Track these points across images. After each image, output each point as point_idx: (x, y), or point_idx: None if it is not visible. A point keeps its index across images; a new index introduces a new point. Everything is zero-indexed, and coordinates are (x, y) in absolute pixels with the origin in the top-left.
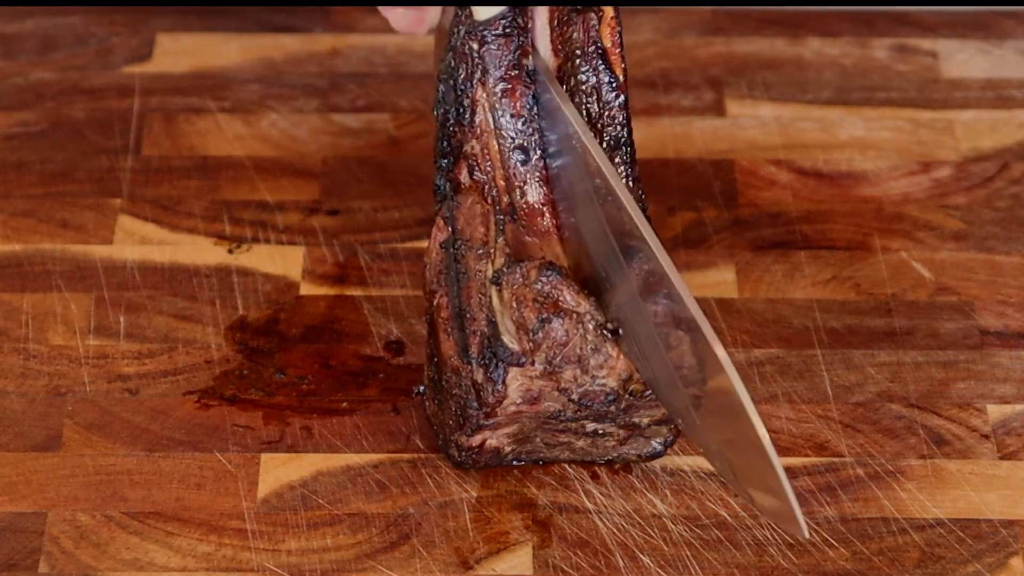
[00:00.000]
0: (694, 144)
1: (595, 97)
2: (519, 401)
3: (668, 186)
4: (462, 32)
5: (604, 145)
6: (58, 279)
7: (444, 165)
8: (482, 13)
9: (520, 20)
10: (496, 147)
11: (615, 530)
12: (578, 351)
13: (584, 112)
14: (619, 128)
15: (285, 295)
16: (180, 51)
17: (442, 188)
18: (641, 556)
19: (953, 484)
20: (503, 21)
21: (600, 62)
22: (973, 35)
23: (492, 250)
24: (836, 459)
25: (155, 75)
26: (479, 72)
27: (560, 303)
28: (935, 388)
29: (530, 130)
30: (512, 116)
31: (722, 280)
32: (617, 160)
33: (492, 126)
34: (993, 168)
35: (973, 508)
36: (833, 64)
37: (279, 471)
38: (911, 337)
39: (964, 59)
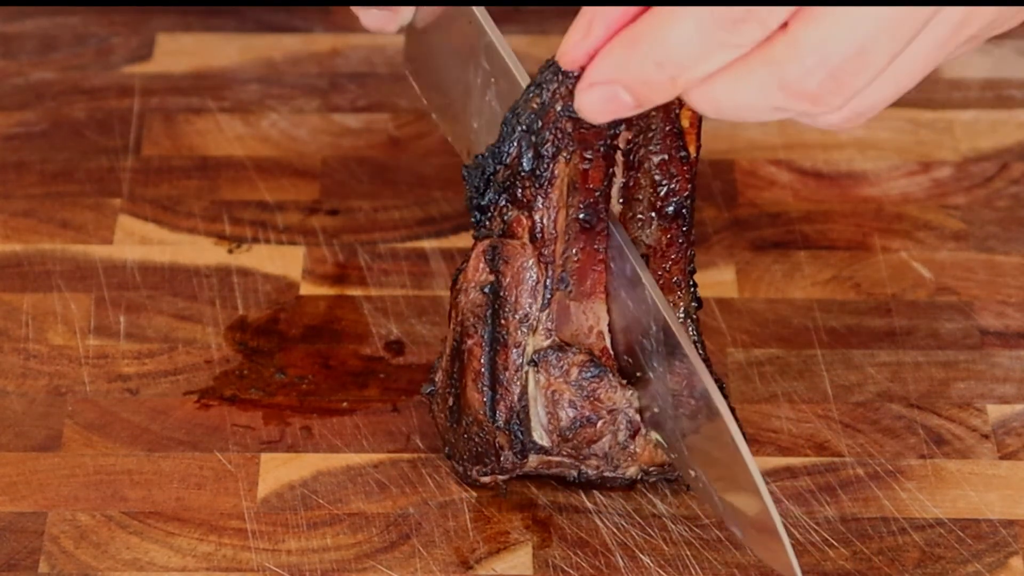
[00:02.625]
0: None
1: (663, 170)
2: (536, 466)
3: None
4: (558, 106)
5: (665, 212)
6: (58, 279)
7: (500, 202)
8: None
9: None
10: (564, 219)
11: (615, 530)
12: (606, 448)
13: (650, 181)
14: (683, 199)
15: (285, 295)
16: (180, 51)
17: (487, 224)
18: (641, 556)
19: (953, 484)
20: None
21: (676, 140)
22: None
23: (535, 323)
24: (836, 459)
25: (155, 75)
26: (566, 150)
27: (596, 403)
28: (935, 388)
29: (601, 201)
30: (589, 188)
31: (722, 280)
32: (675, 226)
33: (566, 199)
34: (993, 168)
35: (973, 508)
36: None
37: (279, 471)
38: (911, 337)
39: (964, 59)
